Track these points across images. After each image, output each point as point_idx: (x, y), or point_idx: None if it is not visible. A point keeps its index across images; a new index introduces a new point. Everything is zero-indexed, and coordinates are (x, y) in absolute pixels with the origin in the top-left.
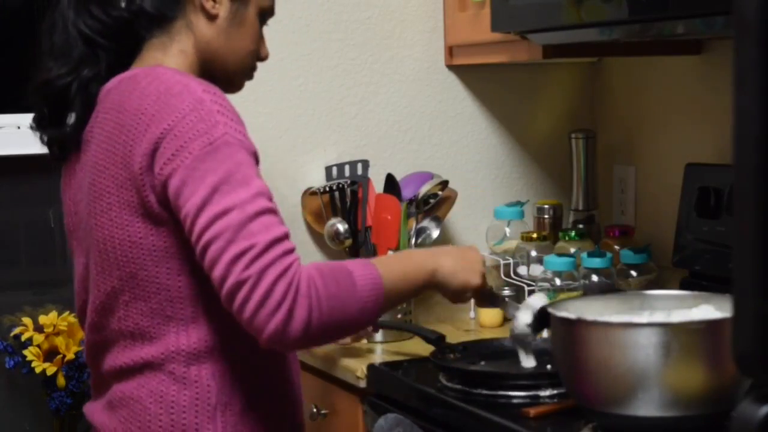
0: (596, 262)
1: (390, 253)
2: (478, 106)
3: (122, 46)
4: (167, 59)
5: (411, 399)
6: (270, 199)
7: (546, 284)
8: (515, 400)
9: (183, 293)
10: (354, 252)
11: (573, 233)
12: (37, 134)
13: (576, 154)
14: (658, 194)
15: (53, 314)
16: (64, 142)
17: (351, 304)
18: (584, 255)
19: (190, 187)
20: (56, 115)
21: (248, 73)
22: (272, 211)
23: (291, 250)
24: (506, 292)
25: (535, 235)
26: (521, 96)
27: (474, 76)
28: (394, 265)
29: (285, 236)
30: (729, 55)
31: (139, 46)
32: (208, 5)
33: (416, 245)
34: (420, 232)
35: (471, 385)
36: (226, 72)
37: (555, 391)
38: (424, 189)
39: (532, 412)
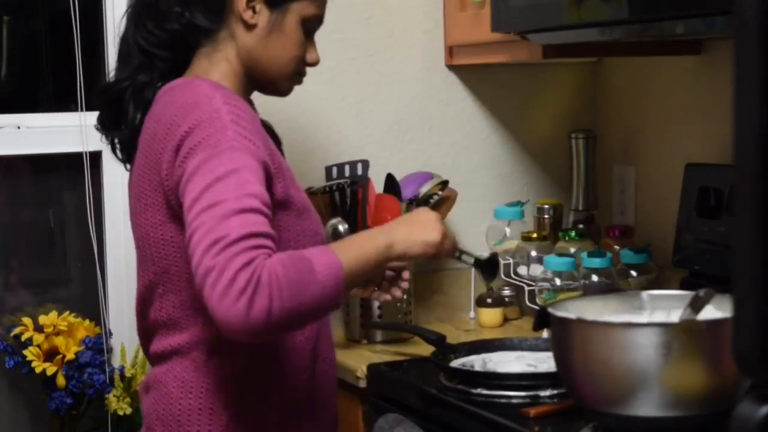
0: (596, 262)
1: None
2: (478, 106)
3: (177, 56)
4: (213, 67)
5: (411, 399)
6: (264, 204)
7: (546, 284)
8: (515, 400)
9: None
10: None
11: (573, 233)
12: (102, 135)
13: (576, 154)
14: (658, 194)
15: (53, 314)
16: (125, 143)
17: (311, 289)
18: (584, 255)
19: (191, 185)
20: (114, 117)
21: (293, 77)
22: (259, 212)
23: (263, 247)
24: (506, 292)
25: (535, 235)
26: (521, 96)
27: (474, 76)
28: (352, 248)
29: (263, 235)
30: (729, 55)
31: (192, 55)
32: (246, 15)
33: None
34: None
35: (471, 385)
36: (268, 77)
37: (555, 391)
38: (424, 189)
39: (532, 412)
